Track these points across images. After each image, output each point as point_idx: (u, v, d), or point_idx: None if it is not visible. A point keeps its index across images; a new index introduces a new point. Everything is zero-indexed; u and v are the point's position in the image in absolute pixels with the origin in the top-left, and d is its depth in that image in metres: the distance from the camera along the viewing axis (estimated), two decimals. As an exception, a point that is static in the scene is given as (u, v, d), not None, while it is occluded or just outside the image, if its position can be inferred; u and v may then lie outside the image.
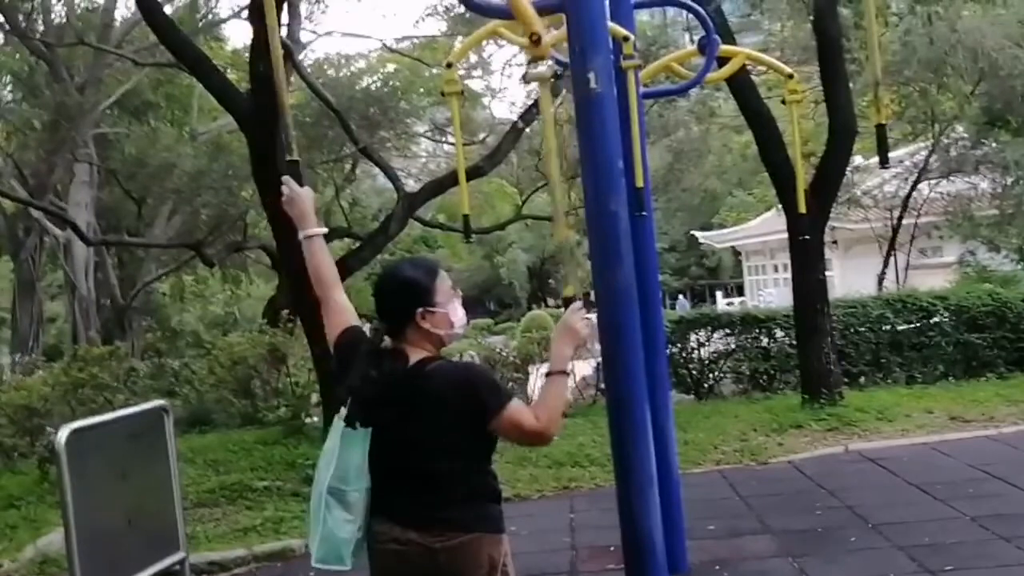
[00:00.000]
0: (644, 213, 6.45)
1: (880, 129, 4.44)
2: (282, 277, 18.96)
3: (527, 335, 17.90)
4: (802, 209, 10.10)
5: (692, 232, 49.43)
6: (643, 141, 6.28)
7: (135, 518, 6.90)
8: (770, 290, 39.33)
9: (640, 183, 6.11)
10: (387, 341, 3.69)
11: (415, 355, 3.67)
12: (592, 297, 4.35)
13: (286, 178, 4.06)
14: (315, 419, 12.94)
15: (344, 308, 3.95)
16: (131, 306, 25.81)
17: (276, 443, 12.09)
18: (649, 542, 4.08)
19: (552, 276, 58.62)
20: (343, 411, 3.66)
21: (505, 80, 56.44)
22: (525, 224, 40.36)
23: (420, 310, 3.67)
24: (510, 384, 13.90)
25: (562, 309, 3.85)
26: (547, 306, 53.09)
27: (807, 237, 12.77)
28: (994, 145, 21.43)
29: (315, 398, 12.97)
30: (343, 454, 3.58)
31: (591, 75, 4.11)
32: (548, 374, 3.75)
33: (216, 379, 14.17)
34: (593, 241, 4.09)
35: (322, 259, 3.99)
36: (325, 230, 4.04)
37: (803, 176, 10.53)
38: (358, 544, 3.61)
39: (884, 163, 4.77)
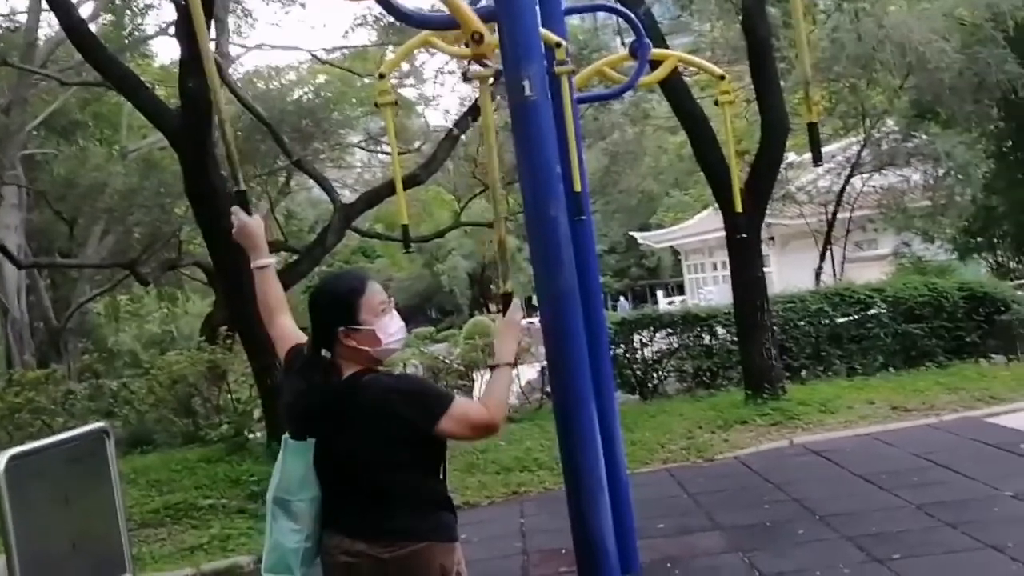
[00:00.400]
0: (583, 217, 6.47)
1: (812, 127, 4.49)
2: (218, 293, 18.84)
3: (470, 342, 17.89)
4: (738, 208, 10.21)
5: (631, 233, 49.75)
6: (579, 145, 6.30)
7: (80, 542, 6.81)
8: (710, 288, 39.65)
9: (578, 187, 6.12)
10: (325, 354, 3.69)
11: (348, 368, 3.67)
12: (534, 301, 4.39)
13: (235, 208, 4.09)
14: (258, 435, 12.84)
15: (291, 331, 4.02)
16: (66, 328, 25.45)
17: (220, 460, 11.99)
18: (601, 544, 4.09)
19: (493, 282, 58.72)
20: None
21: (438, 88, 56.52)
22: (464, 231, 40.44)
23: (342, 329, 3.66)
24: (455, 391, 13.89)
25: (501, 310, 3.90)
26: (489, 312, 53.10)
27: (744, 235, 12.90)
28: (924, 137, 21.76)
29: (257, 413, 12.87)
30: (287, 465, 3.63)
31: (526, 83, 4.13)
32: (492, 367, 3.81)
33: (156, 399, 14.03)
34: (533, 246, 4.10)
35: (271, 287, 4.07)
36: (274, 260, 4.09)
37: (738, 175, 10.63)
38: (307, 554, 3.62)
39: (817, 161, 4.82)
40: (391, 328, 3.74)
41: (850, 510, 8.23)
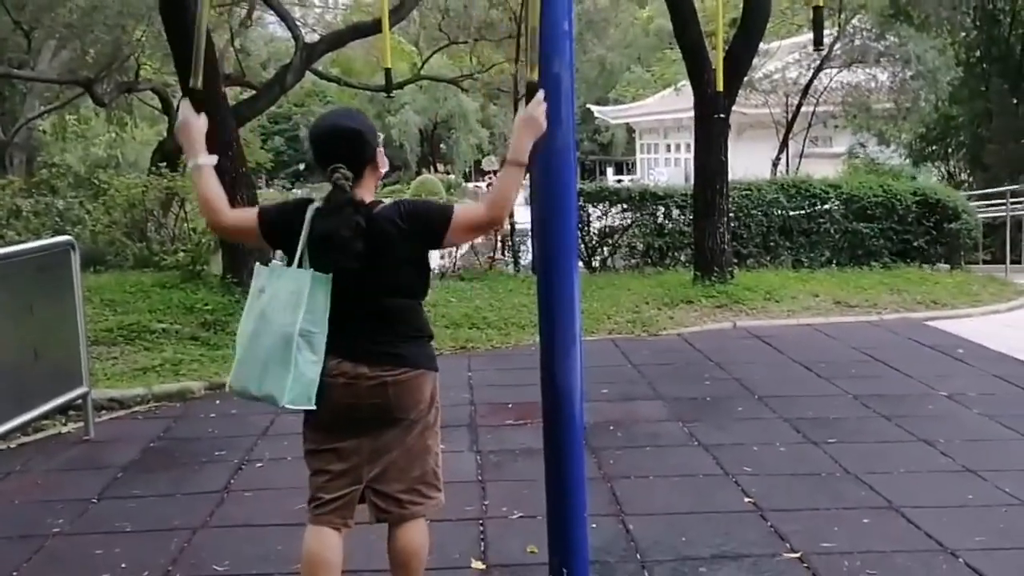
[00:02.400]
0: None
1: (817, 10, 4.53)
2: (174, 121, 18.58)
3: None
4: (719, 87, 10.18)
5: (588, 106, 49.42)
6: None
7: (41, 351, 6.89)
8: (661, 169, 39.72)
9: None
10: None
11: (367, 199, 3.81)
12: (483, 165, 4.33)
13: (184, 103, 4.09)
14: (213, 266, 12.83)
15: (242, 215, 4.06)
16: (12, 142, 25.04)
17: (174, 287, 12.00)
18: (569, 400, 4.21)
19: (444, 141, 58.30)
20: (276, 262, 3.84)
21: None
22: (419, 86, 39.95)
23: (381, 149, 3.88)
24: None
25: (450, 176, 3.91)
26: (436, 171, 52.84)
27: (722, 115, 12.88)
28: (897, 39, 21.74)
29: (213, 245, 12.84)
30: (314, 299, 3.70)
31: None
32: (505, 163, 3.85)
33: (110, 220, 13.91)
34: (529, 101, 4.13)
35: (211, 187, 3.95)
36: (215, 159, 4.01)
37: (722, 54, 10.59)
38: (317, 384, 3.74)
39: (819, 44, 4.88)
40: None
41: (789, 394, 8.47)
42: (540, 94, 3.83)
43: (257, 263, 3.90)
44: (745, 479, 6.23)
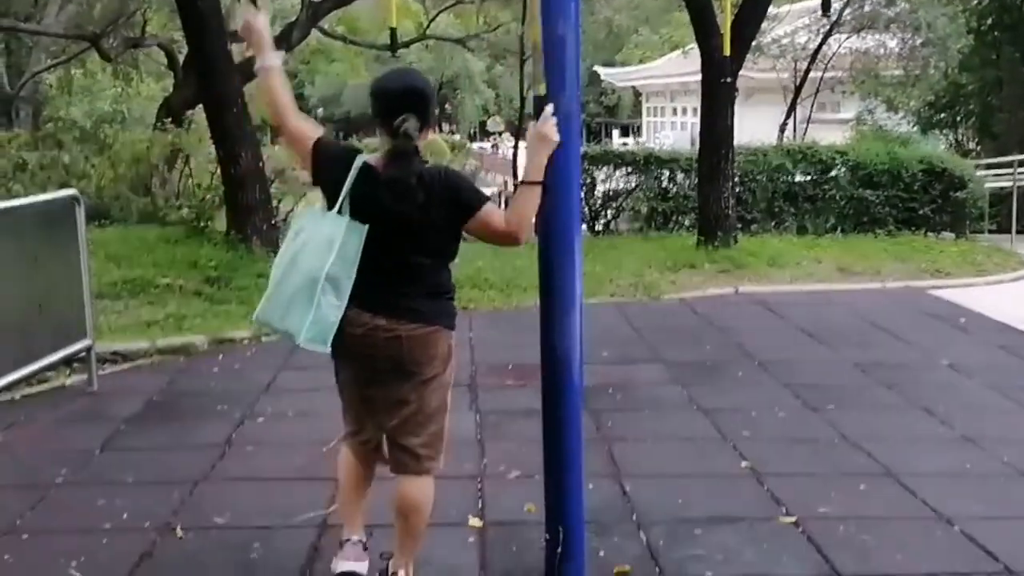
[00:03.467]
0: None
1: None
2: (178, 76, 18.54)
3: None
4: (727, 51, 10.13)
5: (595, 68, 49.17)
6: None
7: (45, 303, 6.91)
8: (667, 133, 39.57)
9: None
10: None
11: (419, 157, 3.89)
12: (488, 126, 4.43)
13: (244, 3, 4.04)
14: (217, 223, 12.83)
15: (308, 128, 4.09)
16: (19, 96, 25.00)
17: (178, 243, 11.97)
18: (567, 364, 4.24)
19: (449, 101, 58.06)
20: (322, 205, 3.96)
21: None
22: (425, 45, 39.73)
23: (433, 115, 4.02)
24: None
25: (455, 136, 3.93)
26: (442, 132, 52.66)
27: (729, 79, 12.83)
28: (908, 4, 21.60)
29: (217, 201, 12.83)
30: (346, 245, 3.81)
31: None
32: (522, 182, 3.97)
33: (115, 175, 13.91)
34: (544, 63, 4.12)
35: (278, 89, 4.02)
36: (281, 57, 4.10)
37: (730, 17, 10.55)
38: (335, 328, 3.85)
39: (826, 10, 4.87)
40: None
41: (789, 359, 8.49)
42: (549, 108, 3.95)
43: (300, 205, 3.99)
44: (743, 443, 6.26)
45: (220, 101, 11.69)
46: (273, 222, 12.19)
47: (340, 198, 3.85)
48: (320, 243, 3.82)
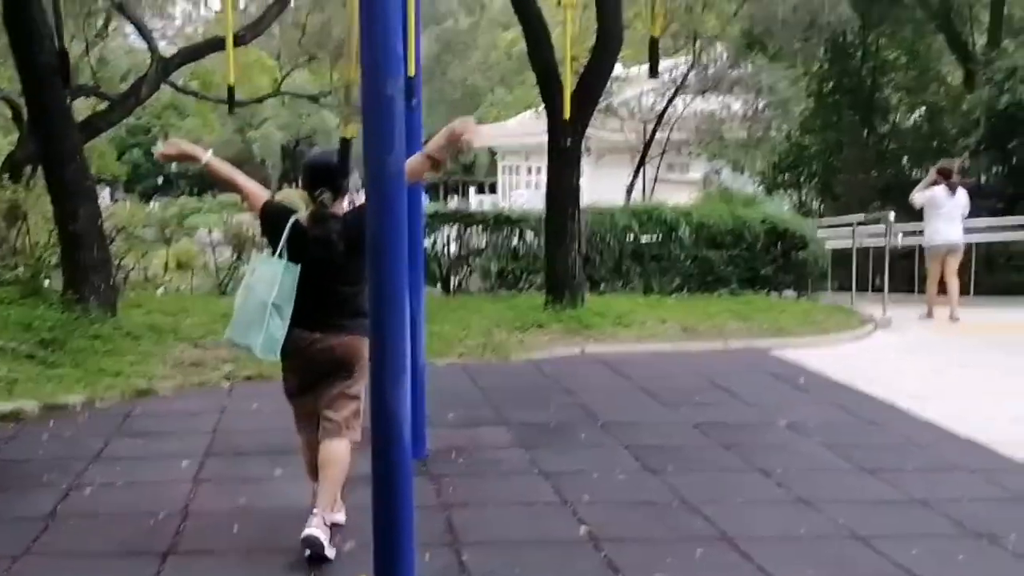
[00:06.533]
0: (415, 101, 6.46)
1: (653, 42, 4.55)
2: (23, 131, 18.01)
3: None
4: (567, 115, 10.20)
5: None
6: (419, 28, 6.23)
7: None
8: (522, 191, 39.83)
9: (412, 72, 6.08)
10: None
11: (338, 211, 5.40)
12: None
13: (171, 142, 5.64)
14: (54, 281, 12.39)
15: (258, 190, 5.69)
16: None
17: (12, 303, 11.45)
18: (398, 426, 4.13)
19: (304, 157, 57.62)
20: (274, 253, 5.38)
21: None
22: (282, 101, 39.50)
23: (347, 181, 5.38)
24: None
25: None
26: (298, 186, 52.21)
27: (568, 142, 12.93)
28: (750, 68, 22.20)
29: (54, 260, 12.40)
30: (284, 282, 5.27)
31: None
32: (422, 152, 5.34)
33: (-56, 232, 13.34)
34: (367, 124, 4.04)
35: (226, 172, 5.67)
36: (210, 152, 5.56)
37: (571, 81, 10.63)
38: (282, 342, 5.31)
39: (653, 74, 4.92)
40: None
41: (631, 420, 8.53)
42: (470, 120, 5.30)
43: (254, 251, 5.84)
44: (583, 508, 6.22)
45: (58, 157, 11.35)
46: (112, 282, 11.82)
47: (279, 247, 5.32)
48: (267, 280, 5.31)
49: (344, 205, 5.40)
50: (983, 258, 18.14)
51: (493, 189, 52.50)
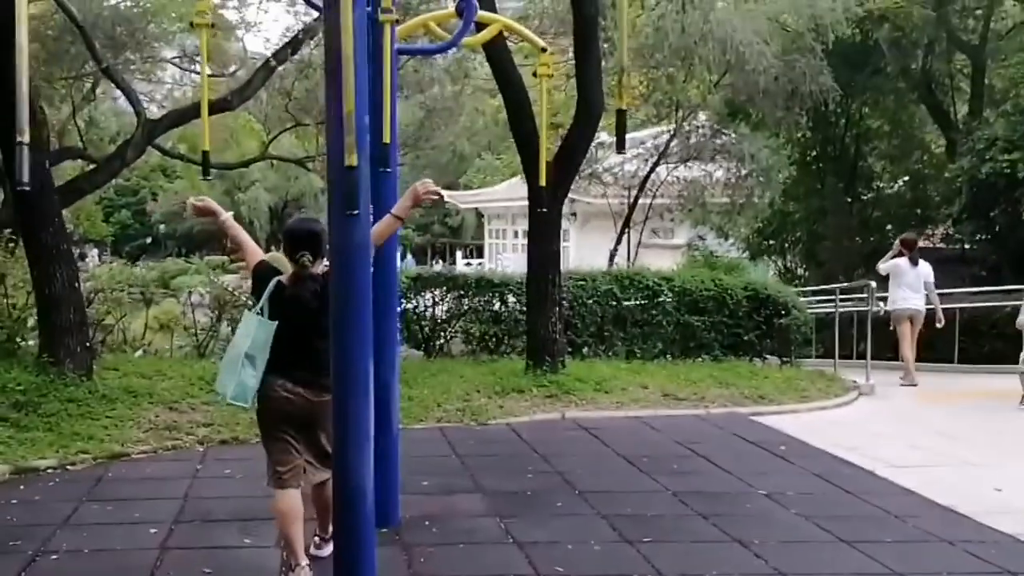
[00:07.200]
0: (389, 169, 6.48)
1: (620, 114, 4.54)
2: (7, 194, 17.99)
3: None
4: (543, 182, 10.23)
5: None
6: (394, 97, 6.25)
7: None
8: (508, 255, 39.97)
9: (387, 139, 6.10)
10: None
11: (317, 271, 5.69)
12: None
13: (202, 198, 6.22)
14: (30, 343, 12.31)
15: (257, 249, 6.18)
16: None
17: (-13, 366, 11.40)
18: (361, 496, 4.08)
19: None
20: (254, 308, 5.83)
21: (262, 14, 55.36)
22: (270, 164, 39.64)
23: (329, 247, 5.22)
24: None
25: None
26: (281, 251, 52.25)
27: (544, 209, 12.95)
28: (733, 136, 22.37)
29: (32, 322, 12.32)
30: (258, 335, 5.69)
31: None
32: (390, 214, 5.76)
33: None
34: (332, 195, 4.03)
35: (237, 230, 6.23)
36: (230, 214, 6.36)
37: (546, 149, 10.67)
38: (254, 391, 5.69)
39: (620, 148, 4.90)
40: None
41: (609, 489, 8.44)
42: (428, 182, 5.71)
43: (246, 309, 6.42)
44: (556, 580, 6.13)
45: (36, 220, 11.31)
46: (88, 344, 11.74)
47: (260, 303, 5.74)
48: (245, 333, 5.77)
49: (324, 265, 5.60)
50: (966, 326, 18.13)
51: (480, 252, 52.70)
